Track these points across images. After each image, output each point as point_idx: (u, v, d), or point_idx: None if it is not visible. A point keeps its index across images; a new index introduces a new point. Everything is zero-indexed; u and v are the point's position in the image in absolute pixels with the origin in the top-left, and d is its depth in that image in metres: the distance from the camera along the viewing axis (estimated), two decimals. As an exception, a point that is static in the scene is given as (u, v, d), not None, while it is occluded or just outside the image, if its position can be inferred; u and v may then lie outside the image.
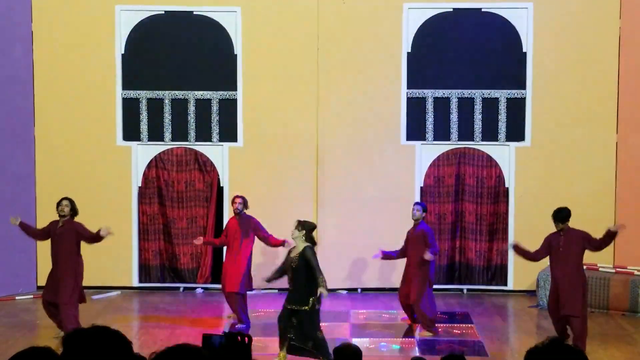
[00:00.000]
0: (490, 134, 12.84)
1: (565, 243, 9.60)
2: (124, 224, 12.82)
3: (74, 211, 10.22)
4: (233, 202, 11.06)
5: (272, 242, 10.91)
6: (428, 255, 10.31)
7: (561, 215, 9.66)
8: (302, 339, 9.01)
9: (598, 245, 9.65)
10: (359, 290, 12.95)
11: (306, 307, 8.94)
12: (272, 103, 12.85)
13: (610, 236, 9.58)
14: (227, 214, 12.75)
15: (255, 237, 10.98)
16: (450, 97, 12.81)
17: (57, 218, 10.23)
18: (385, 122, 12.82)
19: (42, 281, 12.58)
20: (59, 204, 10.21)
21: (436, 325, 10.65)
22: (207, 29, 12.86)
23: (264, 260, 12.07)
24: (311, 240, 9.11)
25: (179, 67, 12.91)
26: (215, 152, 12.99)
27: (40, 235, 10.56)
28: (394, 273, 12.86)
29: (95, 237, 10.16)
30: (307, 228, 9.11)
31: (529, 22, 12.61)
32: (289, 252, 9.22)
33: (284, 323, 9.10)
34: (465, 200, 12.88)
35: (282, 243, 10.65)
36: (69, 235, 10.10)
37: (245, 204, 10.97)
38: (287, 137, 12.83)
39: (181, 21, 12.86)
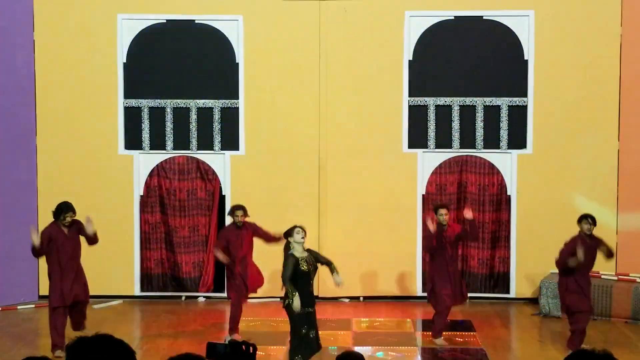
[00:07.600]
0: (492, 142, 12.82)
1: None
2: (126, 233, 12.83)
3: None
4: (234, 214, 10.67)
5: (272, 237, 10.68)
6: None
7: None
8: (318, 339, 8.75)
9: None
10: (361, 298, 12.92)
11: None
12: (273, 111, 12.85)
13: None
14: (229, 222, 12.73)
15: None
16: (452, 104, 12.81)
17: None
18: (387, 130, 12.81)
19: (43, 291, 12.58)
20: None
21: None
22: (209, 38, 12.87)
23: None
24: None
25: (181, 76, 12.91)
26: (217, 160, 12.98)
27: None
28: (396, 282, 12.85)
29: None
30: None
31: (530, 30, 12.62)
32: (296, 257, 8.71)
33: (308, 328, 8.65)
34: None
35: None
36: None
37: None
38: (289, 145, 12.82)
39: (183, 30, 12.87)
